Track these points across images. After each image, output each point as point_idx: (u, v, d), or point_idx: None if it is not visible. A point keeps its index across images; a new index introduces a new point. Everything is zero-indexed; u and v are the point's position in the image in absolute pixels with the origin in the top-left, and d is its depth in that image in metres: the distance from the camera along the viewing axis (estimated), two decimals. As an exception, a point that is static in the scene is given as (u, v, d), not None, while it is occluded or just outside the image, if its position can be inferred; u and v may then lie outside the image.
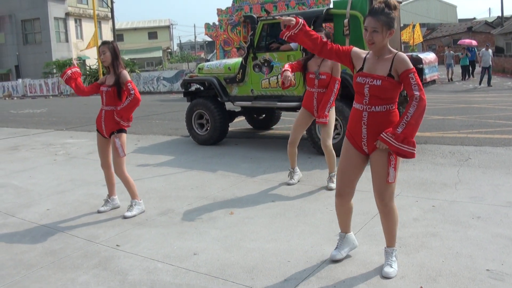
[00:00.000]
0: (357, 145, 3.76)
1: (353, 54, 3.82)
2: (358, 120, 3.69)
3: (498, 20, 54.08)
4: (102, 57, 5.47)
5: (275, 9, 19.79)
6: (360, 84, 3.65)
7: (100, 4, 48.90)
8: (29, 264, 4.34)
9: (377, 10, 3.58)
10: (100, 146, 5.72)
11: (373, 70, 3.64)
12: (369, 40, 3.59)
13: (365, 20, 3.63)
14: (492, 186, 5.89)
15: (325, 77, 6.23)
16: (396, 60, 3.58)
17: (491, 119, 11.08)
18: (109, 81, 5.54)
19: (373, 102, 3.62)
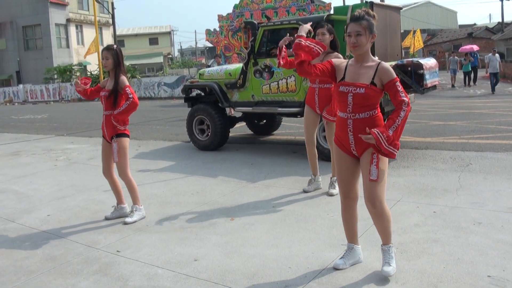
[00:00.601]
0: (346, 150, 3.84)
1: (335, 65, 3.89)
2: (344, 128, 3.78)
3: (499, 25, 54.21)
4: (104, 62, 5.47)
5: (275, 15, 19.83)
6: (343, 93, 3.72)
7: (101, 10, 48.98)
8: (30, 270, 4.33)
9: (358, 16, 3.72)
10: (103, 151, 5.71)
11: (356, 79, 3.72)
12: (354, 43, 3.68)
13: (348, 27, 3.74)
14: (493, 191, 5.87)
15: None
16: (380, 69, 3.68)
17: (492, 125, 11.08)
18: (108, 85, 5.55)
19: (357, 110, 3.70)
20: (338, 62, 3.89)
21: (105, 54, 5.47)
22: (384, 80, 3.67)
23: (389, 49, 8.64)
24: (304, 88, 8.28)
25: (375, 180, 3.66)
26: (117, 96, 5.45)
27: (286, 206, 5.84)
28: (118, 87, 5.44)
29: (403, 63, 7.96)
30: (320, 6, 19.52)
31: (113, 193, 5.79)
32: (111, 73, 5.54)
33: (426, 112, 14.26)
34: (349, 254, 4.04)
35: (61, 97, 38.75)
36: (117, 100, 5.45)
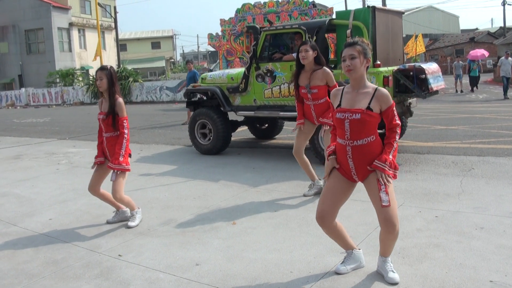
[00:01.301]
0: (346, 175, 3.84)
1: (332, 101, 3.94)
2: (343, 154, 3.79)
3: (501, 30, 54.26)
4: (98, 83, 5.46)
5: (278, 19, 19.88)
6: (340, 120, 3.73)
7: (104, 14, 49.11)
8: (31, 274, 4.33)
9: (352, 41, 3.77)
10: (97, 170, 5.66)
11: (352, 105, 3.73)
12: (348, 66, 3.68)
13: (342, 52, 3.75)
14: (495, 196, 5.87)
15: (317, 91, 6.17)
16: (378, 95, 3.70)
17: (494, 129, 11.07)
18: (104, 107, 5.53)
19: (355, 137, 3.70)
20: (334, 93, 3.91)
21: (100, 75, 5.46)
22: (382, 107, 3.70)
23: (391, 54, 8.65)
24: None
25: (387, 206, 3.63)
26: (114, 118, 5.45)
27: (288, 210, 5.84)
28: (115, 109, 5.44)
29: (405, 68, 7.96)
30: (322, 11, 19.55)
31: (108, 203, 5.79)
32: (105, 94, 5.52)
33: (428, 117, 14.25)
34: (349, 259, 4.03)
35: (63, 101, 38.83)
36: (115, 122, 5.45)
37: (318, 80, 6.15)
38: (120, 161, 5.35)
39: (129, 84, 33.53)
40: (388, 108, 3.70)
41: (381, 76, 7.62)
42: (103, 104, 5.57)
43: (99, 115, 5.56)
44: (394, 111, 3.74)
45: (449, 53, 53.24)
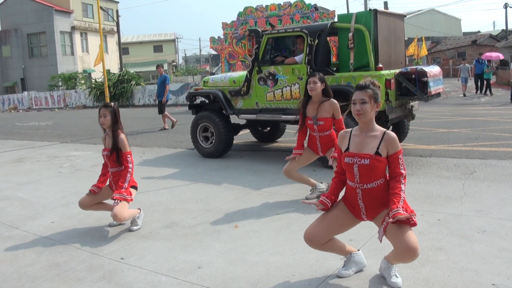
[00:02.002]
0: (354, 212, 3.84)
1: (339, 144, 3.92)
2: (353, 196, 3.78)
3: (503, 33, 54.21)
4: (102, 120, 5.54)
5: (279, 22, 19.90)
6: (349, 164, 3.72)
7: (106, 18, 49.23)
8: (34, 277, 4.33)
9: (363, 85, 3.73)
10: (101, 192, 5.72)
11: (360, 149, 3.71)
12: (358, 110, 3.67)
13: (353, 95, 3.73)
14: (497, 199, 5.86)
15: (323, 123, 6.17)
16: (386, 139, 3.68)
17: (496, 132, 11.06)
18: (108, 143, 5.64)
19: (364, 180, 3.69)
20: (342, 135, 3.89)
21: (104, 112, 5.54)
22: (390, 151, 3.67)
23: (393, 57, 8.65)
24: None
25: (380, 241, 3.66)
26: (118, 154, 5.56)
27: (290, 213, 5.84)
28: (118, 146, 5.54)
29: (407, 71, 7.97)
30: (324, 14, 19.57)
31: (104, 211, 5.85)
32: (108, 130, 5.63)
33: (430, 120, 14.24)
34: (349, 262, 4.03)
35: (65, 104, 38.89)
36: (119, 158, 5.57)
37: (325, 112, 6.16)
38: (122, 191, 5.40)
39: (131, 88, 33.58)
40: (394, 153, 3.67)
41: (383, 79, 7.63)
42: (106, 140, 5.70)
43: (104, 151, 5.68)
44: (400, 158, 3.68)
45: (451, 56, 53.18)
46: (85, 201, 5.65)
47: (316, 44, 8.25)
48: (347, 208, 3.86)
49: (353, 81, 7.84)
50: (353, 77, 7.85)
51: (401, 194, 3.59)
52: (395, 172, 3.67)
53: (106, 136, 5.70)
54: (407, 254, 3.44)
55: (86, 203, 5.66)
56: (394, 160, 3.67)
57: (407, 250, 3.42)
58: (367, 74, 7.72)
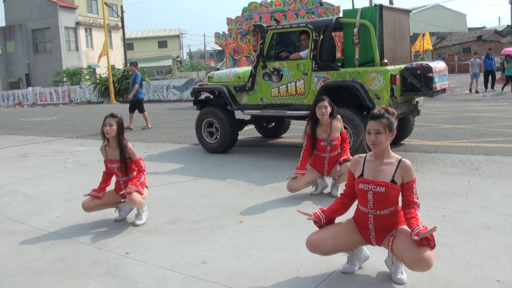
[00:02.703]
0: (364, 234, 3.84)
1: (352, 168, 3.86)
2: (365, 220, 3.79)
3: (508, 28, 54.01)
4: (107, 129, 5.46)
5: (284, 18, 19.85)
6: (363, 191, 3.71)
7: (110, 14, 49.25)
8: (38, 272, 4.35)
9: (378, 114, 3.69)
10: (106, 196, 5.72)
11: (376, 176, 3.70)
12: (373, 141, 3.65)
13: (367, 124, 3.70)
14: (502, 195, 5.84)
15: (336, 142, 6.32)
16: (402, 167, 3.68)
17: (501, 128, 11.02)
18: (113, 155, 5.61)
19: (378, 207, 3.69)
20: (356, 160, 3.84)
21: (110, 121, 5.48)
22: (404, 179, 3.66)
23: (399, 52, 8.62)
24: (313, 91, 8.27)
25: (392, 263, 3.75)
26: (127, 164, 5.58)
27: (295, 209, 5.81)
28: (126, 156, 5.56)
29: (412, 66, 7.94)
30: (329, 9, 19.51)
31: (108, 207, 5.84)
32: (112, 141, 5.58)
33: (435, 115, 14.20)
34: (351, 258, 4.02)
35: (70, 100, 38.96)
36: (127, 167, 5.59)
37: (337, 131, 6.31)
38: (137, 184, 5.49)
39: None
40: (409, 181, 3.66)
41: (388, 75, 7.61)
42: (108, 151, 5.64)
43: (110, 163, 5.62)
44: (414, 187, 3.67)
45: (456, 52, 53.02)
46: (90, 205, 5.63)
47: (321, 39, 8.23)
48: (358, 231, 3.86)
49: (358, 77, 7.82)
50: (358, 72, 7.83)
51: (419, 219, 3.57)
52: (408, 201, 3.66)
53: (107, 146, 5.64)
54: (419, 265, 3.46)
55: (91, 206, 5.64)
56: (408, 189, 3.66)
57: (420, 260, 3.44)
58: (373, 70, 7.70)
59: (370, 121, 3.69)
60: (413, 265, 3.49)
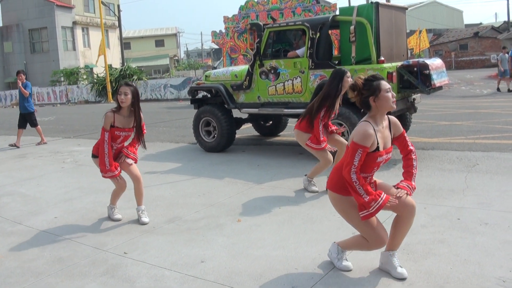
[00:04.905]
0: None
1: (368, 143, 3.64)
2: None
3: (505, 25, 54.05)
4: (122, 98, 5.34)
5: (281, 16, 19.86)
6: (379, 162, 3.74)
7: (107, 13, 49.16)
8: (37, 272, 4.35)
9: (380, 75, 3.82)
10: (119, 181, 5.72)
11: (385, 145, 3.77)
12: (394, 97, 3.71)
13: (381, 85, 3.68)
14: (500, 192, 5.86)
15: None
16: (393, 125, 3.85)
17: (498, 125, 11.04)
18: (124, 123, 5.52)
19: (378, 168, 3.82)
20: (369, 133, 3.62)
21: (125, 90, 5.36)
22: (396, 133, 3.83)
23: (395, 50, 8.63)
24: (310, 89, 8.28)
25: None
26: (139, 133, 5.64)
27: (292, 207, 5.84)
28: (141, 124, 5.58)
29: (409, 64, 7.95)
30: (326, 7, 19.52)
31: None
32: (126, 109, 5.48)
33: (432, 112, 14.22)
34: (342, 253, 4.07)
35: (67, 100, 38.91)
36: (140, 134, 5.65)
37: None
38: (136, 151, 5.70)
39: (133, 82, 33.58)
40: (402, 133, 3.84)
41: (385, 72, 7.62)
42: (116, 118, 5.48)
43: (119, 131, 5.50)
44: (406, 136, 3.87)
45: (453, 48, 53.02)
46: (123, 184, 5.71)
47: (317, 37, 8.24)
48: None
49: (355, 75, 7.81)
50: (355, 70, 7.83)
51: (414, 172, 3.84)
52: (407, 151, 3.87)
53: (116, 113, 5.47)
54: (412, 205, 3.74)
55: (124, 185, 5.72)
56: (403, 140, 3.87)
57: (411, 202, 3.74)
58: (369, 67, 7.71)
59: (382, 81, 3.71)
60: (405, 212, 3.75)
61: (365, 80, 3.73)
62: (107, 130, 5.46)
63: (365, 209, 3.61)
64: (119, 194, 5.80)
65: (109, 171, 5.52)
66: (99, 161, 5.59)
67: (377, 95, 3.66)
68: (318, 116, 6.23)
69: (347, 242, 4.01)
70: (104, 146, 5.49)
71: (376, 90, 3.66)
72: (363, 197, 3.56)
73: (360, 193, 3.57)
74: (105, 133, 5.47)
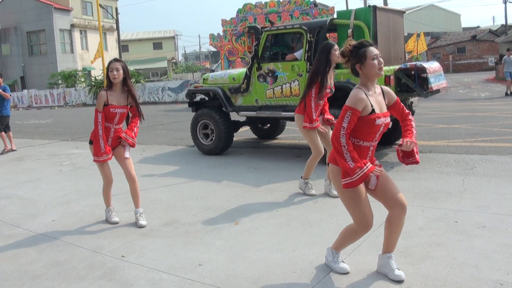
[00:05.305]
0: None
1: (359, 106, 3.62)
2: (364, 156, 3.74)
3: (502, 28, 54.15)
4: (115, 73, 5.31)
5: (279, 19, 19.87)
6: (378, 125, 3.69)
7: (105, 15, 49.22)
8: (34, 275, 4.34)
9: (369, 42, 3.76)
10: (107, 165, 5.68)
11: (382, 109, 3.75)
12: (381, 64, 3.67)
13: (368, 52, 3.65)
14: (497, 195, 5.87)
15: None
16: (386, 93, 3.84)
17: (496, 128, 11.06)
18: (118, 100, 5.46)
19: (379, 137, 3.79)
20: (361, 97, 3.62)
21: (116, 65, 5.34)
22: (391, 101, 3.83)
23: (393, 53, 8.64)
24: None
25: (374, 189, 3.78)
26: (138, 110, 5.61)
27: (290, 210, 5.84)
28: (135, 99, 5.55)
29: (406, 67, 7.96)
30: (324, 10, 19.52)
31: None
32: (118, 85, 5.45)
33: (430, 115, 14.24)
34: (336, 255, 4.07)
35: (65, 102, 38.90)
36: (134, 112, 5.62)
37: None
38: (134, 136, 5.63)
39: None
40: (396, 100, 3.85)
41: (383, 76, 7.62)
42: (110, 97, 5.42)
43: (113, 108, 5.42)
44: (401, 103, 3.88)
45: (450, 52, 53.13)
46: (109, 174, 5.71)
47: (315, 40, 8.25)
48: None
49: (352, 78, 7.83)
50: (353, 73, 7.84)
51: (414, 132, 3.84)
52: (404, 115, 3.89)
53: (109, 92, 5.43)
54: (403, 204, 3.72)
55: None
56: (397, 106, 3.88)
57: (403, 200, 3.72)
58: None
59: (369, 48, 3.67)
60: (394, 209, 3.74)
61: (353, 47, 3.72)
62: (100, 111, 5.42)
63: (349, 176, 3.57)
64: (108, 190, 5.78)
65: (104, 153, 5.51)
66: (93, 144, 5.56)
67: (363, 62, 3.66)
68: (309, 94, 6.21)
69: (337, 240, 4.03)
70: (98, 128, 5.45)
71: (362, 58, 3.67)
72: (349, 163, 3.53)
73: (346, 159, 3.55)
74: (98, 114, 5.42)
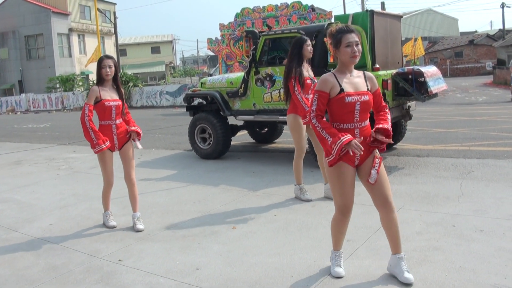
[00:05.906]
0: (349, 161, 3.78)
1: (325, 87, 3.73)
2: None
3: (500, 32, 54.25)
4: (108, 70, 5.42)
5: (277, 23, 19.91)
6: (350, 104, 3.68)
7: (103, 20, 49.18)
8: (31, 280, 4.33)
9: (348, 28, 3.73)
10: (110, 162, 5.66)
11: (356, 88, 3.74)
12: (355, 52, 3.68)
13: (344, 38, 3.68)
14: (495, 199, 5.87)
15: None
16: (368, 78, 3.85)
17: (493, 132, 11.08)
18: (111, 95, 5.54)
19: (362, 118, 3.75)
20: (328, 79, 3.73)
21: (109, 62, 5.44)
22: (372, 88, 3.81)
23: (390, 57, 8.66)
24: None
25: (373, 184, 3.74)
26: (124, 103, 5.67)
27: (288, 214, 5.84)
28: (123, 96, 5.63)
29: (404, 71, 7.98)
30: (321, 15, 19.57)
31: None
32: (108, 82, 5.56)
33: (427, 120, 14.26)
34: (341, 259, 4.07)
35: (63, 106, 38.85)
36: (124, 106, 5.66)
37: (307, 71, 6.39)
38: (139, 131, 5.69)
39: (129, 89, 33.51)
40: (377, 89, 3.85)
41: (380, 80, 7.64)
42: (102, 92, 5.50)
43: (108, 102, 5.47)
44: (381, 93, 3.90)
45: (448, 56, 53.26)
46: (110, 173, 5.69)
47: (313, 45, 8.26)
48: (345, 163, 3.76)
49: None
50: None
51: (388, 120, 3.79)
52: (380, 107, 3.87)
53: (101, 87, 5.51)
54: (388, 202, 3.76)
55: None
56: (378, 95, 3.86)
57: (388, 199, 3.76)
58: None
59: (346, 34, 3.68)
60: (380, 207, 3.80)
61: (335, 31, 3.75)
62: (88, 103, 5.48)
63: (330, 154, 3.65)
64: (108, 193, 5.77)
65: (97, 144, 5.50)
66: (86, 138, 5.62)
67: (338, 47, 3.70)
68: (291, 89, 6.17)
69: (332, 237, 4.11)
70: (85, 121, 5.48)
71: (337, 43, 3.71)
72: (327, 140, 3.61)
73: (324, 137, 3.62)
74: (85, 106, 5.47)
